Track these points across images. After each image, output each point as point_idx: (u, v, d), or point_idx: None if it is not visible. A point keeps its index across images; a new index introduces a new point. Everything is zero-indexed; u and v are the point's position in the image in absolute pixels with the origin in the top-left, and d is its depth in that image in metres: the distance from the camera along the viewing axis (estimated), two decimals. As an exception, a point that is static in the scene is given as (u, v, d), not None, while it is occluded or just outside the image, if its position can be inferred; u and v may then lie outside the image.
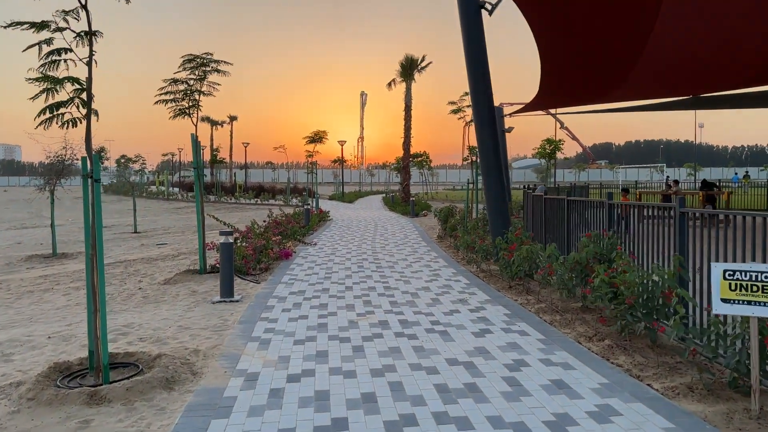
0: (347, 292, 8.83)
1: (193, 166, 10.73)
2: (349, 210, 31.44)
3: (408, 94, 32.76)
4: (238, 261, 10.78)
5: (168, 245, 18.04)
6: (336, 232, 18.72)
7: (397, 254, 13.12)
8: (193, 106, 10.79)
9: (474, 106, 11.28)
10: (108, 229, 25.20)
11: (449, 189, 68.43)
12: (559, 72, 16.86)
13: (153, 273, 11.87)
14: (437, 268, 11.03)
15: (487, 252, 9.95)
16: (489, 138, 11.16)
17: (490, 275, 9.96)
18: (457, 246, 12.75)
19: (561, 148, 32.56)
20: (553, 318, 6.93)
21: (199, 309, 7.90)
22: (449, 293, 8.58)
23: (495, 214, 11.15)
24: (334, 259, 12.41)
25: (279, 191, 46.01)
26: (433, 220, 23.72)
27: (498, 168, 11.21)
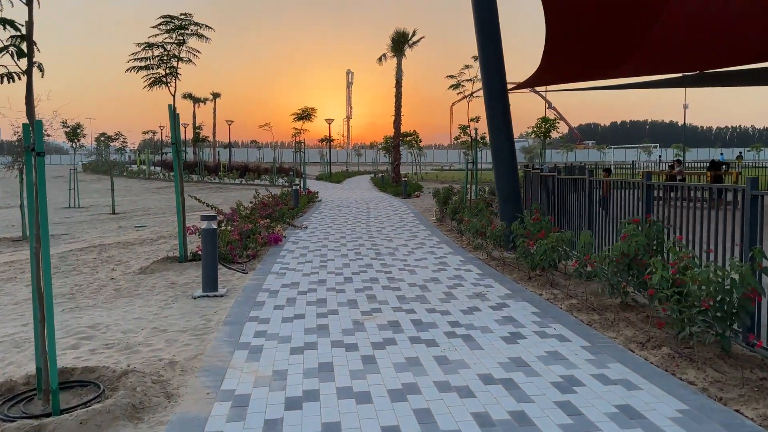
0: (347, 284, 7.81)
1: (172, 142, 9.58)
2: (338, 190, 30.33)
3: (399, 69, 31.50)
4: (222, 247, 9.71)
5: (147, 228, 16.88)
6: (327, 214, 17.66)
7: (395, 239, 12.11)
8: (171, 74, 9.60)
9: (483, 76, 10.21)
10: (85, 210, 23.92)
11: (437, 169, 67.36)
12: (565, 45, 15.84)
13: (128, 260, 10.76)
14: (442, 255, 10.04)
15: (500, 238, 8.97)
16: (500, 112, 10.12)
17: (504, 264, 9.00)
18: (461, 230, 11.77)
19: (557, 127, 31.58)
20: (591, 318, 5.97)
21: (177, 305, 6.84)
22: (462, 285, 7.60)
23: (506, 196, 10.16)
24: (329, 245, 11.37)
25: (264, 171, 44.66)
26: (427, 201, 22.73)
27: (510, 146, 10.19)
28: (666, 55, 17.52)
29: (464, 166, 77.03)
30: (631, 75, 20.13)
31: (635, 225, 5.76)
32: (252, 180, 40.01)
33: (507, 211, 10.15)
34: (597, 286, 6.95)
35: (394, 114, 31.92)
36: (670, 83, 22.39)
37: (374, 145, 66.68)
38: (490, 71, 10.07)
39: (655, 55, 17.76)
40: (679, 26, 14.19)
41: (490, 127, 10.21)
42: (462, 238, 11.85)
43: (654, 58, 18.06)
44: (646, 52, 16.93)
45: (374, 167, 64.28)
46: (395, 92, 31.68)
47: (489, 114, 10.18)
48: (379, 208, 19.76)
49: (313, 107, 28.31)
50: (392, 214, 17.37)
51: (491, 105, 10.14)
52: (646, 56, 17.26)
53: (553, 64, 16.41)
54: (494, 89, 10.11)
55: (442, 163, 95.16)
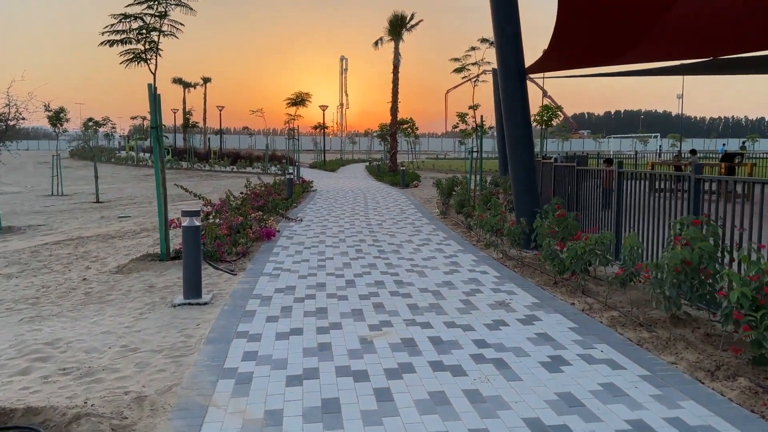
0: (349, 289, 6.88)
1: (151, 125, 8.58)
2: (333, 179, 29.34)
3: (396, 54, 30.41)
4: (209, 244, 8.75)
5: (131, 218, 15.87)
6: (322, 205, 16.69)
7: (398, 234, 11.18)
8: (151, 50, 8.57)
9: (499, 57, 9.25)
10: (68, 198, 22.82)
11: (432, 158, 66.39)
12: (575, 29, 14.92)
13: (106, 256, 9.79)
14: (452, 253, 9.13)
15: (518, 237, 8.06)
16: (518, 96, 9.17)
17: (522, 264, 8.10)
18: (469, 225, 10.85)
19: (558, 115, 30.65)
20: (640, 335, 5.08)
21: (154, 316, 5.89)
22: (481, 291, 6.69)
23: (523, 188, 9.23)
24: (326, 240, 10.43)
25: (257, 158, 43.55)
26: (426, 192, 21.80)
27: (527, 133, 9.25)
28: (678, 40, 16.63)
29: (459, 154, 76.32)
30: (639, 61, 19.23)
31: (695, 227, 4.85)
32: (244, 167, 38.93)
33: (524, 203, 9.24)
34: (638, 294, 6.07)
35: (391, 100, 30.87)
36: (680, 70, 21.51)
37: (369, 133, 65.55)
38: (507, 52, 9.11)
39: (667, 41, 16.87)
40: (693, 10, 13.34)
41: (506, 112, 9.26)
42: (470, 233, 10.95)
43: (666, 44, 17.18)
44: (658, 37, 16.04)
45: (368, 155, 63.23)
46: (392, 78, 30.62)
47: (505, 98, 9.23)
48: (377, 198, 18.82)
49: (308, 92, 27.21)
50: (392, 206, 16.43)
51: (508, 88, 9.18)
52: (658, 41, 16.37)
53: (560, 48, 15.49)
54: (511, 71, 9.15)
55: (437, 152, 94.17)
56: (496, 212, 9.40)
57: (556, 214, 7.47)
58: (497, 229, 8.58)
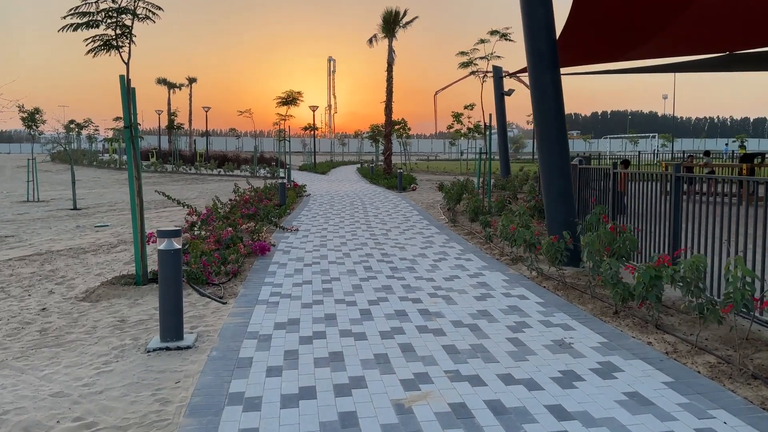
0: (366, 323, 5.61)
1: (125, 124, 7.26)
2: (326, 182, 28.04)
3: (390, 52, 29.17)
4: (193, 263, 7.45)
5: (109, 228, 14.48)
6: (318, 212, 15.40)
7: (408, 246, 9.92)
8: (123, 35, 7.25)
9: (529, 44, 8.03)
10: (45, 205, 21.31)
11: (423, 159, 65.23)
12: (588, 23, 13.82)
13: (74, 276, 8.45)
14: (476, 271, 7.90)
15: (561, 253, 6.83)
16: (549, 88, 7.96)
17: (565, 286, 6.88)
18: (489, 236, 9.63)
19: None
20: (762, 395, 3.87)
21: (122, 367, 4.59)
22: (529, 325, 5.46)
23: (558, 197, 8.03)
24: (328, 255, 9.15)
25: (244, 161, 42.13)
26: (426, 195, 20.59)
27: (561, 130, 8.05)
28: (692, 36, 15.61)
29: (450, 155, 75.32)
30: (648, 57, 18.19)
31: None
32: (231, 170, 37.48)
33: (558, 213, 8.03)
34: (724, 327, 4.87)
35: (386, 100, 29.62)
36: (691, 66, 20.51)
37: (359, 134, 64.27)
38: (538, 37, 7.90)
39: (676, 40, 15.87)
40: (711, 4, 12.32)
41: (538, 107, 8.05)
42: (490, 244, 9.72)
43: (676, 42, 16.16)
44: (673, 32, 15.01)
45: (358, 157, 61.95)
46: (386, 76, 29.38)
47: (536, 91, 8.02)
48: (376, 204, 17.55)
49: (300, 91, 25.88)
50: (393, 212, 15.18)
51: (538, 79, 7.97)
52: (673, 36, 15.34)
53: (569, 44, 14.35)
54: (542, 61, 7.94)
55: (427, 153, 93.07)
56: (523, 221, 8.17)
57: (609, 226, 6.26)
58: (531, 243, 7.35)
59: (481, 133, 38.33)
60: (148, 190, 27.26)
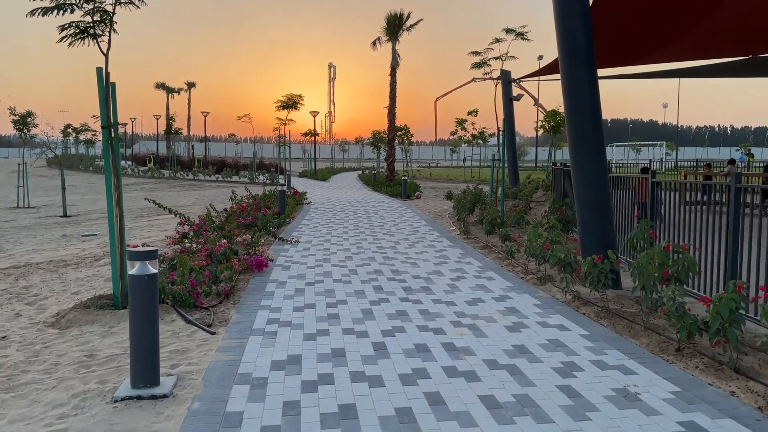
0: (382, 361, 4.67)
1: (102, 123, 6.34)
2: (327, 189, 27.12)
3: (394, 55, 28.31)
4: (180, 283, 6.51)
5: (97, 237, 13.54)
6: (320, 221, 14.47)
7: (420, 261, 8.99)
8: (103, 22, 6.35)
9: (560, 31, 7.13)
10: (35, 211, 20.37)
11: (425, 166, 64.32)
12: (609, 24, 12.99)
13: (48, 295, 7.52)
14: (501, 293, 6.96)
15: (605, 275, 5.90)
16: (584, 88, 7.05)
17: (609, 314, 5.94)
18: (510, 251, 8.70)
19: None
20: None
21: (79, 424, 3.65)
22: (580, 367, 4.52)
23: (593, 210, 7.10)
24: (333, 272, 8.21)
25: (243, 167, 41.26)
26: (432, 204, 19.67)
27: (598, 135, 7.12)
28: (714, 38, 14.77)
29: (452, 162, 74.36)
30: (676, 59, 17.33)
31: None
32: (230, 176, 36.57)
33: (593, 228, 7.11)
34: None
35: (389, 105, 28.72)
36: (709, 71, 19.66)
37: (359, 141, 63.42)
38: (572, 27, 7.00)
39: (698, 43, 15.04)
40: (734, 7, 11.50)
41: (570, 108, 7.14)
42: (510, 260, 8.79)
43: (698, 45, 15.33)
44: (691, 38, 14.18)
45: (359, 163, 61.03)
46: (390, 80, 28.49)
47: (568, 89, 7.11)
48: (381, 213, 16.63)
49: (300, 94, 24.97)
50: (399, 222, 14.26)
51: (572, 77, 7.06)
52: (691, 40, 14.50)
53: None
54: (577, 54, 7.04)
55: (428, 160, 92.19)
56: (552, 236, 7.24)
57: (663, 245, 5.33)
58: (567, 263, 6.42)
59: (485, 140, 37.52)
60: (143, 196, 26.36)
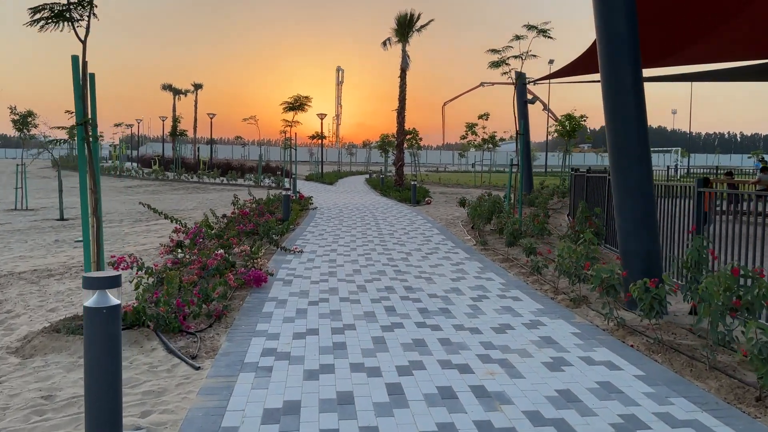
0: (399, 411, 3.81)
1: (77, 119, 5.53)
2: (333, 194, 26.30)
3: (404, 57, 27.50)
4: (165, 304, 5.67)
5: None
6: (326, 228, 13.64)
7: (436, 277, 8.13)
8: (81, 5, 5.55)
9: (601, 21, 6.27)
10: (32, 214, 19.67)
11: (432, 171, 63.43)
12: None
13: (22, 313, 6.71)
14: (532, 317, 6.09)
15: (660, 302, 5.02)
16: (629, 86, 6.19)
17: (663, 348, 5.06)
18: (537, 267, 7.82)
19: (583, 125, 27.81)
20: None
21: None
22: (646, 424, 3.64)
23: (636, 223, 6.23)
24: (339, 289, 7.36)
25: (249, 170, 40.52)
26: (443, 210, 18.81)
27: (643, 142, 6.25)
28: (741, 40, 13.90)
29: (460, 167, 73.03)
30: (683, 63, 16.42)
31: None
32: (234, 179, 35.82)
33: (637, 243, 6.23)
34: None
35: (398, 108, 27.89)
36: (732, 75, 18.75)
37: (367, 144, 62.62)
38: (615, 17, 6.14)
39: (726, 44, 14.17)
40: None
41: (611, 110, 6.28)
42: (537, 277, 7.92)
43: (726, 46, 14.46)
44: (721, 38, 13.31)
45: (366, 167, 60.25)
46: (399, 82, 27.69)
47: (609, 88, 6.25)
48: (390, 219, 15.77)
49: (308, 96, 24.17)
50: (410, 230, 13.40)
51: (615, 74, 6.20)
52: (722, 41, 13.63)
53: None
54: (621, 49, 6.18)
55: (436, 164, 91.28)
56: (588, 252, 6.37)
57: (731, 268, 4.46)
58: (611, 285, 5.55)
59: (496, 144, 36.62)
60: (145, 198, 25.63)
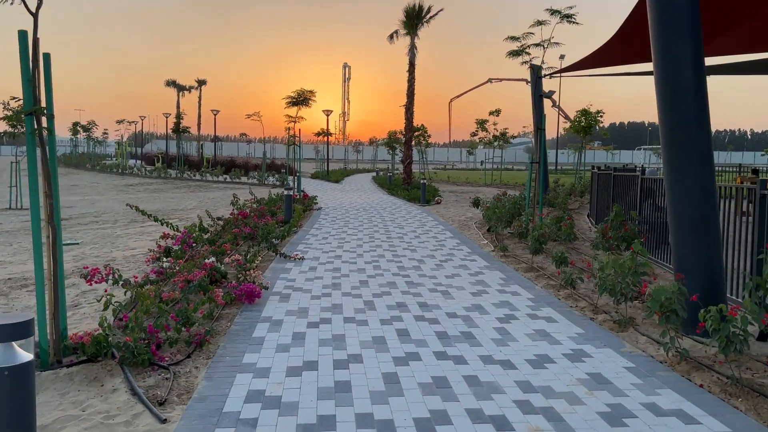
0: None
1: (25, 107, 4.59)
2: (339, 192, 25.34)
3: (412, 49, 26.45)
4: (133, 331, 4.72)
5: (78, 247, 11.87)
6: (331, 230, 12.68)
7: (454, 291, 7.15)
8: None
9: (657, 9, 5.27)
10: (26, 214, 18.75)
11: (440, 168, 62.38)
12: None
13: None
14: (573, 345, 5.11)
15: (742, 340, 4.03)
16: (689, 71, 5.19)
17: (743, 391, 4.07)
18: (571, 280, 6.83)
19: (600, 121, 26.68)
20: None
21: None
22: None
23: (695, 229, 5.24)
24: (344, 306, 6.39)
25: (254, 167, 39.65)
26: (453, 210, 17.82)
27: (704, 136, 5.26)
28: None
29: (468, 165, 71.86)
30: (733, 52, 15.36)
31: None
32: (238, 177, 34.92)
33: (695, 255, 5.24)
34: None
35: (406, 103, 26.86)
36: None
37: (373, 141, 61.59)
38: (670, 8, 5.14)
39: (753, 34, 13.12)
40: None
41: (665, 98, 5.29)
42: (570, 291, 6.93)
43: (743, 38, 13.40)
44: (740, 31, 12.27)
45: (373, 165, 59.24)
46: (408, 77, 26.64)
47: (664, 73, 5.24)
48: (399, 221, 14.80)
49: (312, 90, 23.17)
50: (421, 233, 12.42)
51: (671, 55, 5.20)
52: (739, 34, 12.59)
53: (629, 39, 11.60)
54: (678, 24, 5.18)
55: (444, 162, 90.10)
56: (633, 269, 5.38)
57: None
58: (671, 309, 4.55)
59: (507, 141, 35.52)
60: (146, 197, 24.76)
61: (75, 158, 52.27)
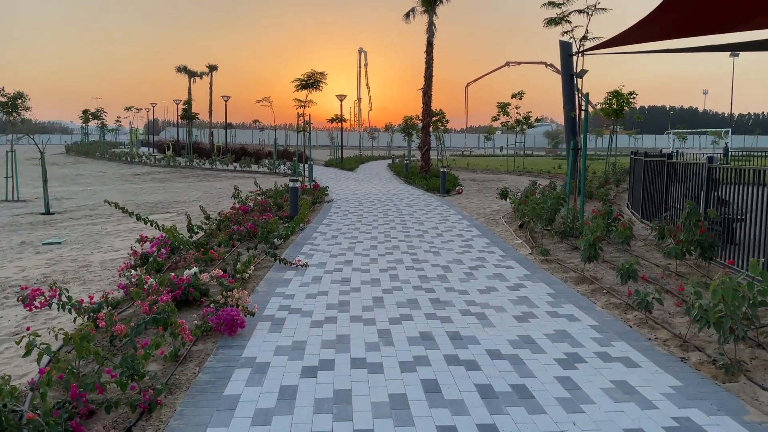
0: None
1: None
2: (353, 182, 23.84)
3: (431, 28, 24.73)
4: (45, 395, 3.29)
5: (60, 246, 10.56)
6: (341, 227, 11.21)
7: (491, 314, 5.65)
8: None
9: None
10: (21, 206, 17.50)
11: (458, 155, 60.61)
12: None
13: None
14: (677, 412, 3.59)
15: None
16: None
17: None
18: (646, 303, 5.29)
19: (633, 102, 24.79)
20: None
21: None
22: None
23: None
24: (352, 338, 4.91)
25: (266, 155, 38.27)
26: (476, 202, 16.26)
27: None
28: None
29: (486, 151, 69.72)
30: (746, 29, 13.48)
31: None
32: (248, 165, 33.57)
33: None
34: None
35: (424, 86, 25.21)
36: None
37: (389, 128, 59.91)
38: None
39: None
40: None
41: None
42: (644, 315, 5.40)
43: None
44: None
45: (389, 151, 57.67)
46: (425, 57, 24.95)
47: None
48: (418, 214, 13.28)
49: (323, 71, 21.63)
50: (444, 230, 10.90)
51: None
52: None
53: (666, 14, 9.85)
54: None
55: (461, 148, 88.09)
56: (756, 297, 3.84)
57: None
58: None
59: (531, 126, 33.68)
60: (152, 187, 23.50)
61: (85, 147, 51.38)
